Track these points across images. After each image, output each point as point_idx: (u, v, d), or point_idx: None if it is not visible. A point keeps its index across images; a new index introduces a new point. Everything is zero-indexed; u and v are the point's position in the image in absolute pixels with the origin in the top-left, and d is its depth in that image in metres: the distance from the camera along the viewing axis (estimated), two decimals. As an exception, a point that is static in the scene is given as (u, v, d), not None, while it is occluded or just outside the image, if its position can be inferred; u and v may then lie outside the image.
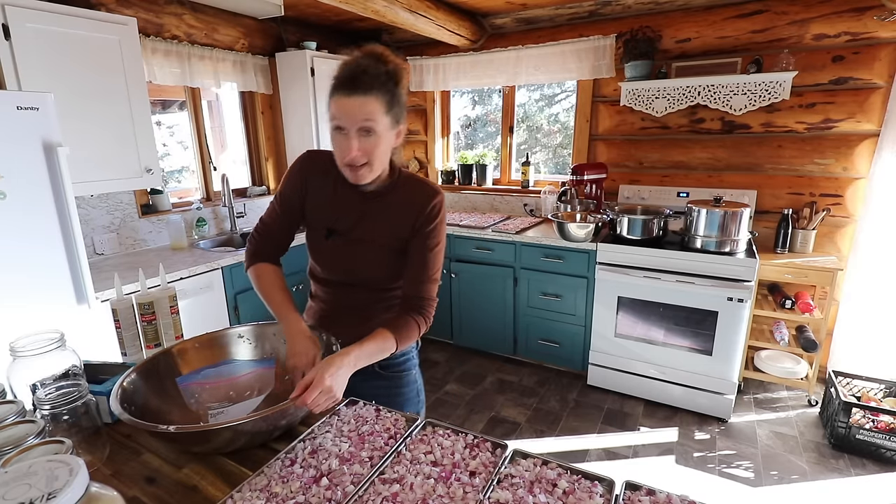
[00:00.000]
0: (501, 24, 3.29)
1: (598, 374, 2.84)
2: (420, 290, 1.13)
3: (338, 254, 1.16)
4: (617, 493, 0.74)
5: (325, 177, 1.15)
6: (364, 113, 0.98)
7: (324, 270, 1.20)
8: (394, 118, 1.04)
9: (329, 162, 1.12)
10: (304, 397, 0.85)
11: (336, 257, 1.16)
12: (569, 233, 2.74)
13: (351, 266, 1.16)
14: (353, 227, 1.14)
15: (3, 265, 1.62)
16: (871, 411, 2.22)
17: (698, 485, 2.11)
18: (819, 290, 2.71)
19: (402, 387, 1.27)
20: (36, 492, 0.47)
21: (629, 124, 3.11)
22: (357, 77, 0.98)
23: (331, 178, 1.14)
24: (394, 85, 1.02)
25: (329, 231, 1.15)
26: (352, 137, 0.99)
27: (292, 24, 3.34)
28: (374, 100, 0.98)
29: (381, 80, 0.99)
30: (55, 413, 0.81)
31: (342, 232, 1.14)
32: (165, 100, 3.13)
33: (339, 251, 1.15)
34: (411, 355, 1.29)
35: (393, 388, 1.25)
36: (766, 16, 2.61)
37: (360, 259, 1.15)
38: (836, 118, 2.58)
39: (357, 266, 1.16)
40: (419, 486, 0.75)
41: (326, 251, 1.17)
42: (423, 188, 1.14)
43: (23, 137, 1.62)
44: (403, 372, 1.26)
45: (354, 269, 1.16)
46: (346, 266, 1.16)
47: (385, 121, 1.01)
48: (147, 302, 1.21)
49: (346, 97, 0.97)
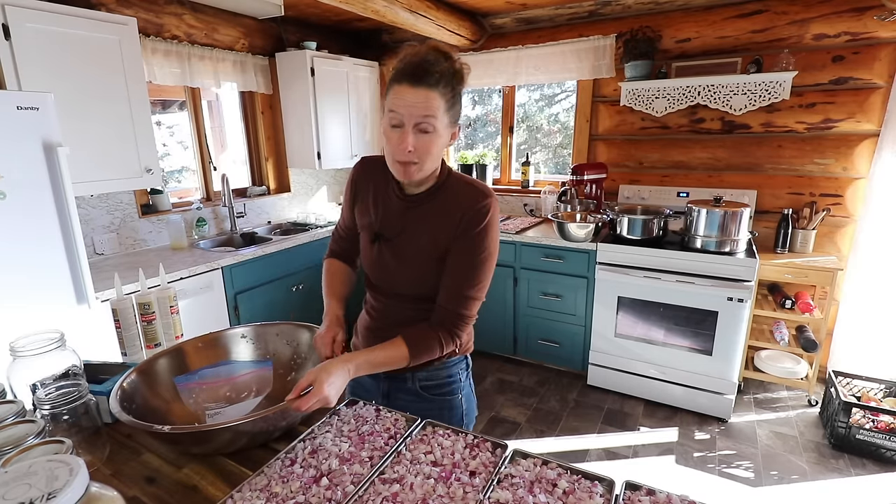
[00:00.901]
0: (501, 24, 3.29)
1: (598, 374, 2.84)
2: (454, 304, 1.04)
3: (382, 261, 1.10)
4: (617, 493, 0.74)
5: (374, 181, 1.12)
6: (426, 108, 0.93)
7: (370, 277, 1.16)
8: (452, 117, 0.99)
9: (381, 166, 1.09)
10: (300, 403, 0.82)
11: (380, 265, 1.11)
12: (569, 233, 2.74)
13: (393, 275, 1.10)
14: (398, 234, 1.08)
15: (3, 265, 1.62)
16: (871, 411, 2.22)
17: (698, 485, 2.11)
18: (819, 290, 2.71)
19: (446, 410, 1.17)
20: (36, 492, 0.47)
21: (629, 124, 3.11)
22: (425, 69, 0.92)
23: (383, 181, 1.10)
24: (457, 83, 0.98)
25: (375, 236, 1.10)
26: (408, 132, 0.94)
27: (292, 24, 3.34)
28: (438, 96, 0.94)
29: (447, 77, 0.95)
30: (55, 413, 0.81)
31: (388, 238, 1.09)
32: (165, 100, 3.13)
33: (383, 258, 1.10)
34: (457, 377, 1.18)
35: (435, 410, 1.15)
36: (766, 16, 2.61)
37: (401, 268, 1.08)
38: (836, 118, 2.58)
39: (398, 276, 1.09)
40: (419, 486, 0.75)
41: (372, 257, 1.12)
42: (471, 190, 1.05)
43: (23, 137, 1.62)
44: (448, 396, 1.17)
45: (396, 279, 1.10)
46: (388, 275, 1.11)
47: (445, 119, 0.97)
48: (147, 302, 1.21)
49: (411, 88, 0.92)
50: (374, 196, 1.12)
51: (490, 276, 1.08)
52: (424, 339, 1.02)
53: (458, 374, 1.19)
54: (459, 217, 1.02)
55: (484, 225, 1.02)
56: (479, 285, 1.06)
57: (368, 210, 1.12)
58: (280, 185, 3.55)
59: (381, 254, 1.10)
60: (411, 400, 1.15)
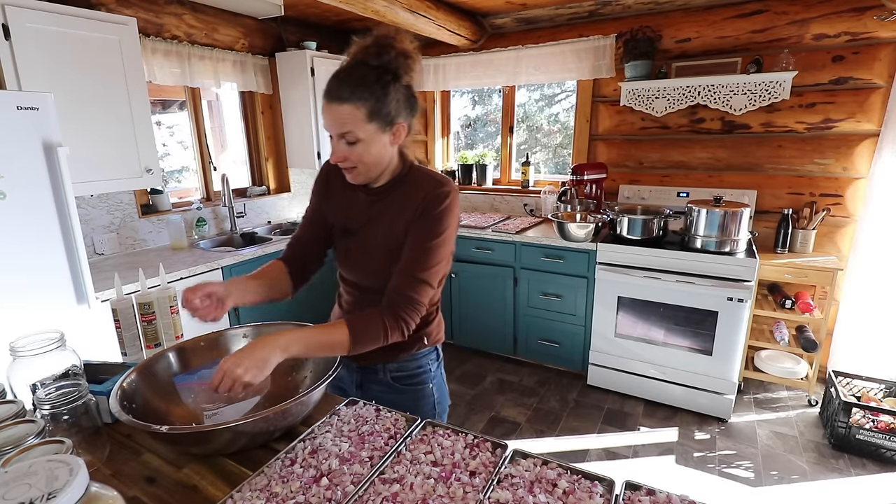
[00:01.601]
0: (501, 24, 3.29)
1: (598, 374, 2.84)
2: (403, 286, 1.02)
3: (350, 254, 1.15)
4: (617, 493, 0.74)
5: (341, 179, 1.13)
6: (342, 123, 0.96)
7: (342, 270, 1.20)
8: (382, 121, 0.98)
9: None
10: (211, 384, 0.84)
11: (349, 258, 1.16)
12: (569, 233, 2.74)
13: (361, 268, 1.14)
14: (362, 227, 1.12)
15: (3, 265, 1.62)
16: (871, 411, 2.22)
17: (698, 485, 2.11)
18: (819, 290, 2.71)
19: (416, 400, 1.20)
20: (36, 492, 0.47)
21: (629, 124, 3.11)
22: (338, 84, 0.95)
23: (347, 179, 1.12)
24: (383, 85, 0.96)
25: (344, 230, 1.16)
26: (337, 143, 0.99)
27: (292, 24, 3.34)
28: (353, 108, 0.94)
29: (368, 82, 0.94)
30: (55, 413, 0.81)
31: (354, 231, 1.13)
32: (165, 100, 3.13)
33: (351, 252, 1.15)
34: (427, 368, 1.21)
35: (408, 401, 1.18)
36: (766, 16, 2.60)
37: (368, 260, 1.12)
38: (836, 118, 2.58)
39: (366, 268, 1.13)
40: (419, 486, 0.75)
41: (341, 250, 1.18)
42: (431, 179, 1.06)
43: (23, 137, 1.62)
44: (419, 385, 1.19)
45: (364, 271, 1.14)
46: (357, 268, 1.15)
47: (369, 127, 0.97)
48: (147, 302, 1.21)
49: (327, 104, 0.96)
50: (341, 193, 1.16)
51: (444, 265, 1.06)
52: (369, 324, 0.99)
53: (429, 364, 1.21)
54: (419, 201, 1.03)
55: (441, 209, 1.03)
56: (431, 270, 1.04)
57: (339, 205, 1.17)
58: (280, 185, 3.55)
59: (348, 247, 1.15)
60: (383, 391, 1.17)
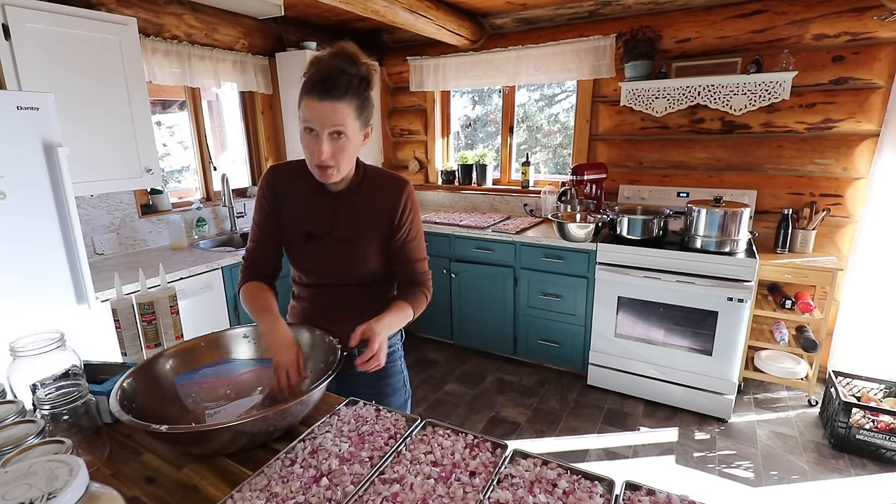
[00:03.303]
0: (501, 24, 3.29)
1: (598, 374, 2.84)
2: (418, 271, 1.24)
3: (318, 257, 1.19)
4: (617, 493, 0.74)
5: (295, 185, 1.18)
6: (337, 119, 1.00)
7: (306, 275, 1.23)
8: (363, 122, 1.06)
9: (297, 170, 1.16)
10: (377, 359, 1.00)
11: (316, 260, 1.20)
12: (569, 233, 2.74)
13: (332, 266, 1.19)
14: (330, 230, 1.17)
15: (3, 265, 1.62)
16: (871, 411, 2.22)
17: (698, 485, 2.11)
18: (819, 290, 2.71)
19: (390, 377, 1.31)
20: (36, 492, 0.47)
21: (629, 124, 3.11)
22: (332, 81, 0.98)
23: (301, 184, 1.17)
24: (365, 89, 1.04)
25: (307, 236, 1.18)
26: (323, 141, 1.01)
27: (292, 24, 3.34)
28: (347, 106, 1.00)
29: (353, 85, 1.01)
30: (55, 413, 0.81)
31: (320, 235, 1.17)
32: (165, 100, 3.13)
33: (319, 254, 1.18)
34: (397, 347, 1.33)
35: (382, 378, 1.28)
36: (766, 16, 2.60)
37: (341, 259, 1.18)
38: (836, 118, 2.58)
39: (338, 266, 1.19)
40: (419, 486, 0.75)
41: (306, 256, 1.20)
42: (390, 182, 1.19)
43: (23, 137, 1.62)
44: (390, 363, 1.29)
45: (336, 270, 1.20)
46: (327, 267, 1.20)
47: (356, 125, 1.04)
48: (147, 302, 1.21)
49: (319, 101, 0.99)
50: (298, 199, 1.18)
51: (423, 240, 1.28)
52: (415, 295, 1.21)
53: (396, 342, 1.34)
54: (391, 209, 1.17)
55: (412, 209, 1.20)
56: (424, 250, 1.27)
57: (298, 212, 1.18)
58: (280, 185, 3.54)
59: (314, 251, 1.18)
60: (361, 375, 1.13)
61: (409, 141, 4.00)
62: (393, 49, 3.80)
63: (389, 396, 1.30)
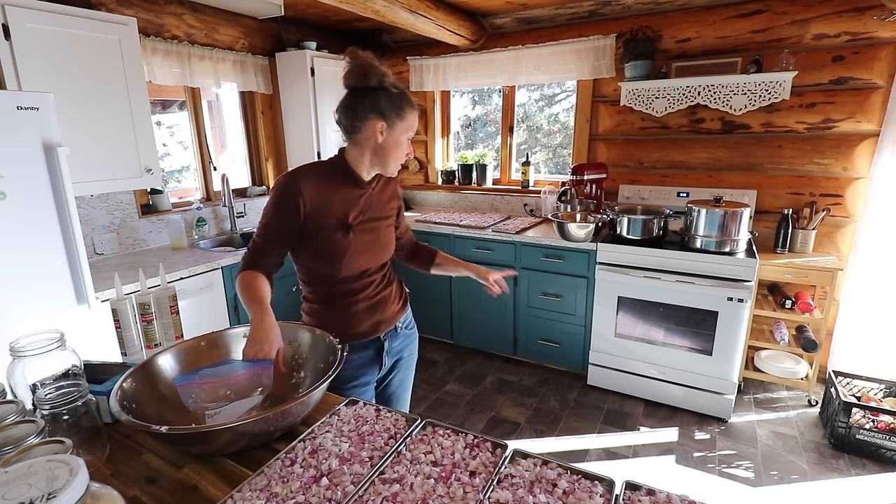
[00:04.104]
0: (501, 24, 3.29)
1: (598, 374, 2.84)
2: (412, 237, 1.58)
3: (360, 244, 1.27)
4: (617, 493, 0.74)
5: (324, 186, 1.23)
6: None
7: (346, 267, 1.27)
8: None
9: (319, 172, 1.25)
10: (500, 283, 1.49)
11: (359, 248, 1.27)
12: (569, 233, 2.74)
13: (369, 255, 1.30)
14: (369, 216, 1.30)
15: (3, 265, 1.62)
16: (871, 411, 2.22)
17: (698, 485, 2.11)
18: (819, 290, 2.71)
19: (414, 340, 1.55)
20: (36, 492, 0.47)
21: (629, 124, 3.11)
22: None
23: (330, 183, 1.24)
24: None
25: (347, 227, 1.25)
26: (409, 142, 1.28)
27: (292, 24, 3.34)
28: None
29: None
30: (55, 413, 0.81)
31: (359, 223, 1.27)
32: (165, 100, 3.13)
33: (361, 241, 1.27)
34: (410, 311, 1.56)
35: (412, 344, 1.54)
36: (766, 16, 2.60)
37: (381, 240, 1.33)
38: (836, 118, 2.58)
39: (373, 253, 1.31)
40: (419, 486, 0.75)
41: (349, 247, 1.26)
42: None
43: (23, 137, 1.62)
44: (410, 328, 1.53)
45: (372, 257, 1.32)
46: (368, 252, 1.30)
47: None
48: (147, 302, 1.21)
49: (414, 111, 1.25)
50: (330, 197, 1.24)
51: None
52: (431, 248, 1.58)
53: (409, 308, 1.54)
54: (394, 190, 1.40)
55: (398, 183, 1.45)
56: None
57: (332, 209, 1.24)
58: (280, 185, 3.54)
59: (357, 239, 1.27)
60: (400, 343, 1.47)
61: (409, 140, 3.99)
62: (393, 49, 3.80)
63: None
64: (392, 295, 1.41)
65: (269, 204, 1.23)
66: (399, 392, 1.54)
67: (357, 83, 1.19)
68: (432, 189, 3.96)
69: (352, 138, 1.24)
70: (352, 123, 1.21)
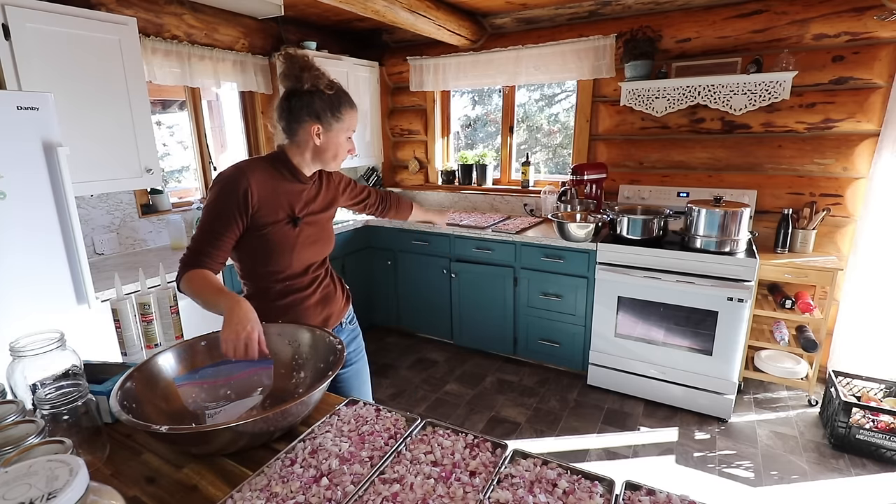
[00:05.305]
0: (501, 24, 3.29)
1: (598, 374, 2.84)
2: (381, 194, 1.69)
3: (306, 238, 1.30)
4: (617, 493, 0.74)
5: (267, 180, 1.23)
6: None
7: (296, 259, 1.30)
8: None
9: (263, 167, 1.25)
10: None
11: (306, 240, 1.30)
12: (569, 233, 2.74)
13: (315, 247, 1.34)
14: (314, 208, 1.33)
15: (3, 265, 1.62)
16: (871, 411, 2.22)
17: (698, 485, 2.11)
18: (819, 290, 2.71)
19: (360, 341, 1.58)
20: (36, 492, 0.47)
21: (629, 124, 3.11)
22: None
23: (276, 178, 1.26)
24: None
25: (295, 220, 1.27)
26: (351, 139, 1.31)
27: (292, 24, 3.34)
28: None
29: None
30: (55, 413, 0.81)
31: (305, 214, 1.30)
32: (165, 100, 3.13)
33: (307, 234, 1.30)
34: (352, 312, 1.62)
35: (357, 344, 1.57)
36: (766, 16, 2.60)
37: (322, 234, 1.35)
38: (836, 118, 2.58)
39: (321, 240, 1.35)
40: (419, 486, 0.76)
41: (295, 238, 1.28)
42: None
43: (23, 137, 1.62)
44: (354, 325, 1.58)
45: (318, 250, 1.35)
46: (313, 245, 1.32)
47: None
48: (147, 302, 1.21)
49: (354, 110, 1.28)
50: (276, 191, 1.25)
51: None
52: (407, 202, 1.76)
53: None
54: (338, 184, 1.45)
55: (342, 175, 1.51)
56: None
57: (279, 202, 1.25)
58: (280, 185, 3.54)
59: (304, 232, 1.29)
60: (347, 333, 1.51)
61: (409, 141, 4.00)
62: (393, 49, 3.80)
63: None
64: (336, 290, 1.45)
65: (214, 199, 1.17)
66: (357, 384, 1.53)
67: (292, 85, 1.20)
68: (432, 189, 3.96)
69: (290, 139, 1.25)
70: (288, 125, 1.23)
